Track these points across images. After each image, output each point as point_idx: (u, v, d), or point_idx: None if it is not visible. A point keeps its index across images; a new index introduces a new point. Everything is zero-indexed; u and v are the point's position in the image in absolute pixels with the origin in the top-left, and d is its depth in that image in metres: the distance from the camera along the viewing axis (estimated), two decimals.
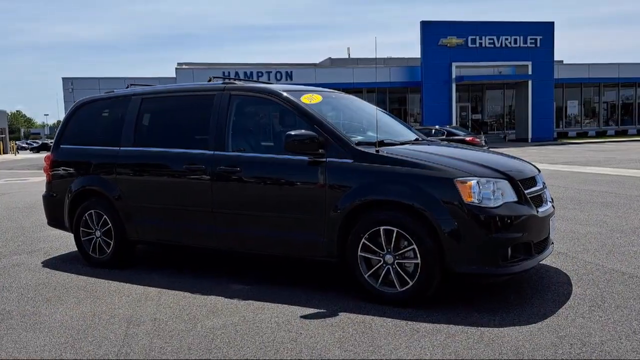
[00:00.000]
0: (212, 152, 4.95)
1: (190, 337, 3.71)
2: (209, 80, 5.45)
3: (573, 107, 43.84)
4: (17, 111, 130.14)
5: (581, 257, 5.50)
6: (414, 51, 39.84)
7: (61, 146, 6.15)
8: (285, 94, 4.83)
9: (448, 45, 36.63)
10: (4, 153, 53.32)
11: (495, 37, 37.10)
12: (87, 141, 5.95)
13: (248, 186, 4.79)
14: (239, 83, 5.20)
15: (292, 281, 4.99)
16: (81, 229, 5.86)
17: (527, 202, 4.22)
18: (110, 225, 5.62)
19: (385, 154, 4.33)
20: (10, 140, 59.71)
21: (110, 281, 5.21)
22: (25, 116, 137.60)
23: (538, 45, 37.72)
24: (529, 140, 38.30)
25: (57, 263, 6.05)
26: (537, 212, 4.27)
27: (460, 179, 4.03)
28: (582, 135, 42.53)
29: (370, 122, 5.22)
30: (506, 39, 37.25)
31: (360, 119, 5.46)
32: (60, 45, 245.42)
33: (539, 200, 4.46)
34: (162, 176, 5.29)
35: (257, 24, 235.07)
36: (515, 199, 4.17)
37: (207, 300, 4.50)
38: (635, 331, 3.57)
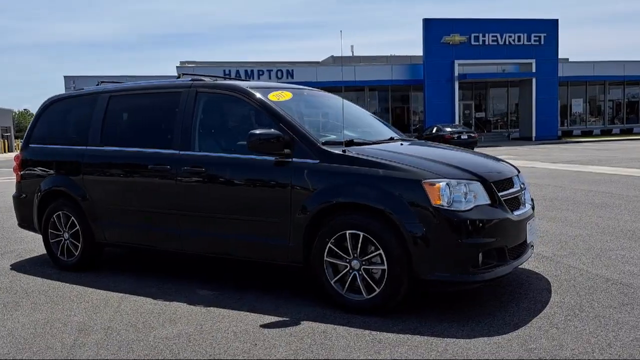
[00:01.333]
0: (177, 152, 4.75)
1: (140, 348, 3.52)
2: (178, 77, 5.24)
3: (578, 106, 43.43)
4: (24, 110, 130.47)
5: (565, 262, 5.27)
6: (418, 49, 39.53)
7: (30, 145, 5.98)
8: (251, 90, 4.62)
9: (451, 42, 36.33)
10: (8, 151, 53.41)
11: (498, 35, 36.78)
12: (56, 140, 5.77)
13: (212, 187, 4.59)
14: (207, 80, 5.00)
15: (263, 286, 4.78)
16: (50, 230, 5.68)
17: (501, 205, 3.99)
18: (78, 227, 5.44)
19: (353, 154, 4.11)
20: (15, 139, 59.80)
21: (74, 285, 5.02)
22: (33, 115, 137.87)
23: (542, 42, 37.36)
24: (533, 139, 37.95)
25: (26, 266, 5.87)
26: (512, 215, 4.05)
27: (429, 180, 3.81)
28: (587, 133, 42.12)
29: (346, 120, 5.00)
30: (510, 37, 36.92)
31: (335, 117, 5.24)
32: (66, 45, 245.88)
33: (515, 202, 4.24)
34: (127, 177, 5.10)
35: (260, 23, 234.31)
36: (488, 202, 3.94)
37: (169, 307, 4.30)
38: (610, 344, 3.34)
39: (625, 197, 9.41)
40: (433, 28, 36.26)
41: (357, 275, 3.98)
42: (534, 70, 37.56)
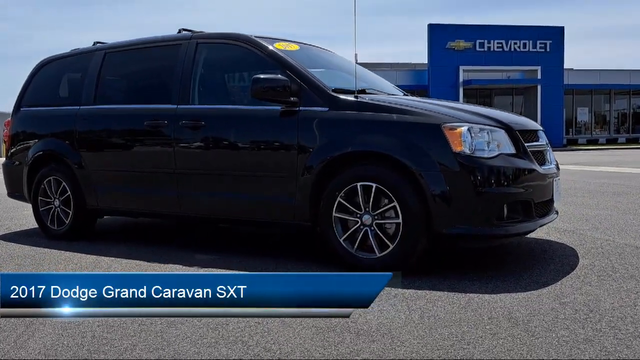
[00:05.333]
0: (175, 106, 4.42)
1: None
2: (179, 32, 4.93)
3: (583, 114, 43.06)
4: None
5: (590, 234, 4.92)
6: (421, 59, 39.27)
7: (21, 109, 5.65)
8: (256, 39, 4.30)
9: (456, 48, 36.07)
10: None
11: (504, 41, 36.49)
12: (49, 103, 5.45)
13: (213, 143, 4.27)
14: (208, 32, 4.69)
15: (267, 252, 4.45)
16: (40, 198, 5.33)
17: (527, 155, 3.66)
18: (69, 193, 5.10)
19: (365, 100, 3.79)
20: None
21: (63, 251, 4.68)
22: None
23: (548, 49, 37.06)
24: None
25: (14, 237, 5.54)
26: (540, 168, 3.71)
27: (449, 124, 3.48)
28: (593, 142, 41.70)
29: (358, 78, 4.67)
30: (515, 43, 36.63)
31: (344, 75, 4.92)
32: None
33: (541, 156, 3.90)
34: (122, 135, 4.78)
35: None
36: (513, 152, 3.61)
37: (163, 269, 3.96)
38: None
39: None
40: (438, 33, 36.03)
41: (369, 232, 3.63)
42: (539, 77, 37.25)
